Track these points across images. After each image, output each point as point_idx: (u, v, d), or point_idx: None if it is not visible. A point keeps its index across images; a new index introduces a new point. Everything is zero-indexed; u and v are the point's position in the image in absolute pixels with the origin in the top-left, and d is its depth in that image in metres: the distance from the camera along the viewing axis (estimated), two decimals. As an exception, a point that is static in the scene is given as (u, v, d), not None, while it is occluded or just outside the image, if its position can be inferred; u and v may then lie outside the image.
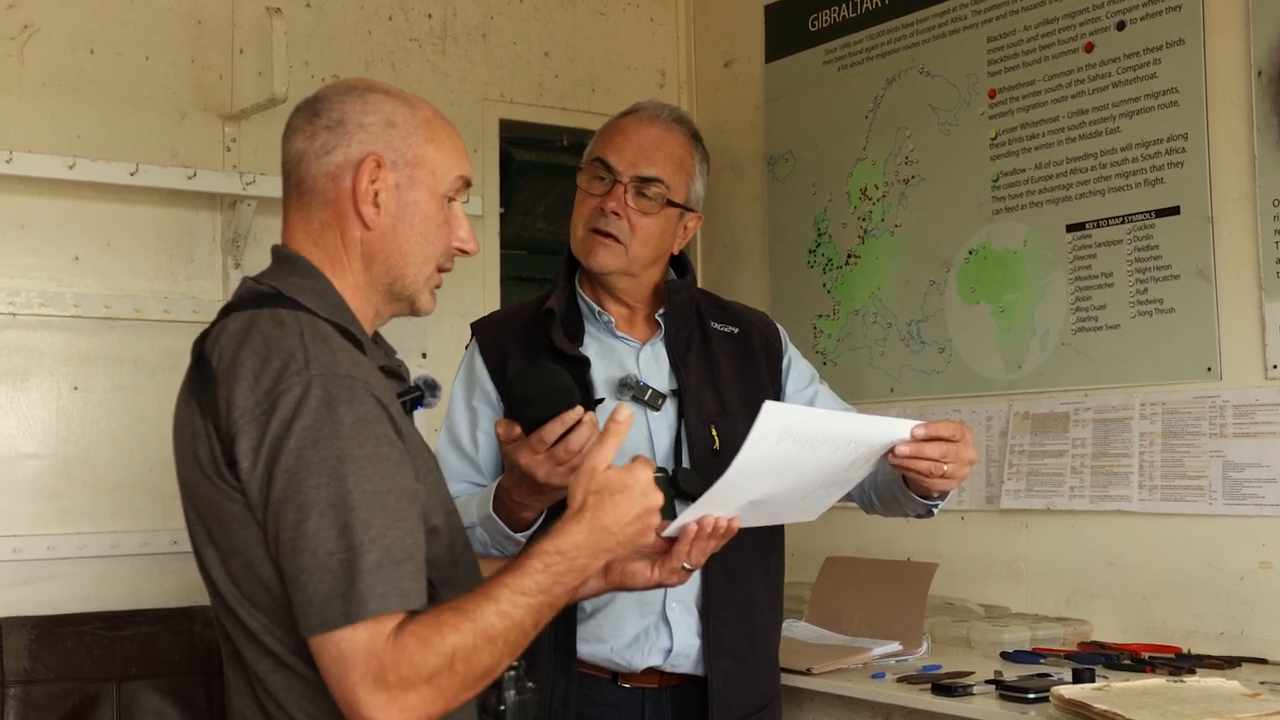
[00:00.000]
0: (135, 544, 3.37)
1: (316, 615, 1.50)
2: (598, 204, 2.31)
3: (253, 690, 1.64)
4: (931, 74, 3.59)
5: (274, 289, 1.69)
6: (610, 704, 2.31)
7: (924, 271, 3.58)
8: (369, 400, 1.58)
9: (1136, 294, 3.10)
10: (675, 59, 4.36)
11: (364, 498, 1.52)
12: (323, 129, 1.72)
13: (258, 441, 1.54)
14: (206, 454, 1.59)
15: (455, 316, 3.51)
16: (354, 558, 1.49)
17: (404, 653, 1.49)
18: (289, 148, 1.76)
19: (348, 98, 1.74)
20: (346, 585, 1.49)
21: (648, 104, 2.42)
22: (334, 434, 1.53)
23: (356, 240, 1.73)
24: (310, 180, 1.73)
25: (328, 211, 1.73)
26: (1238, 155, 2.94)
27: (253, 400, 1.55)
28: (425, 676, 1.49)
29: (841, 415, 2.02)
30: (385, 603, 1.49)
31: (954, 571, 3.35)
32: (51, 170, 3.23)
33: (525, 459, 1.96)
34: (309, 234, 1.74)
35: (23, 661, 3.12)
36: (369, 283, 1.75)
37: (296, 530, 1.51)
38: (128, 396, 3.40)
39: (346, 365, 1.59)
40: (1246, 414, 2.89)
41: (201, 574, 1.67)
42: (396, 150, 1.73)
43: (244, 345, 1.59)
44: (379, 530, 1.51)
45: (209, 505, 1.61)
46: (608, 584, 1.94)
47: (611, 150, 2.33)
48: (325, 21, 3.75)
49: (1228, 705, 2.10)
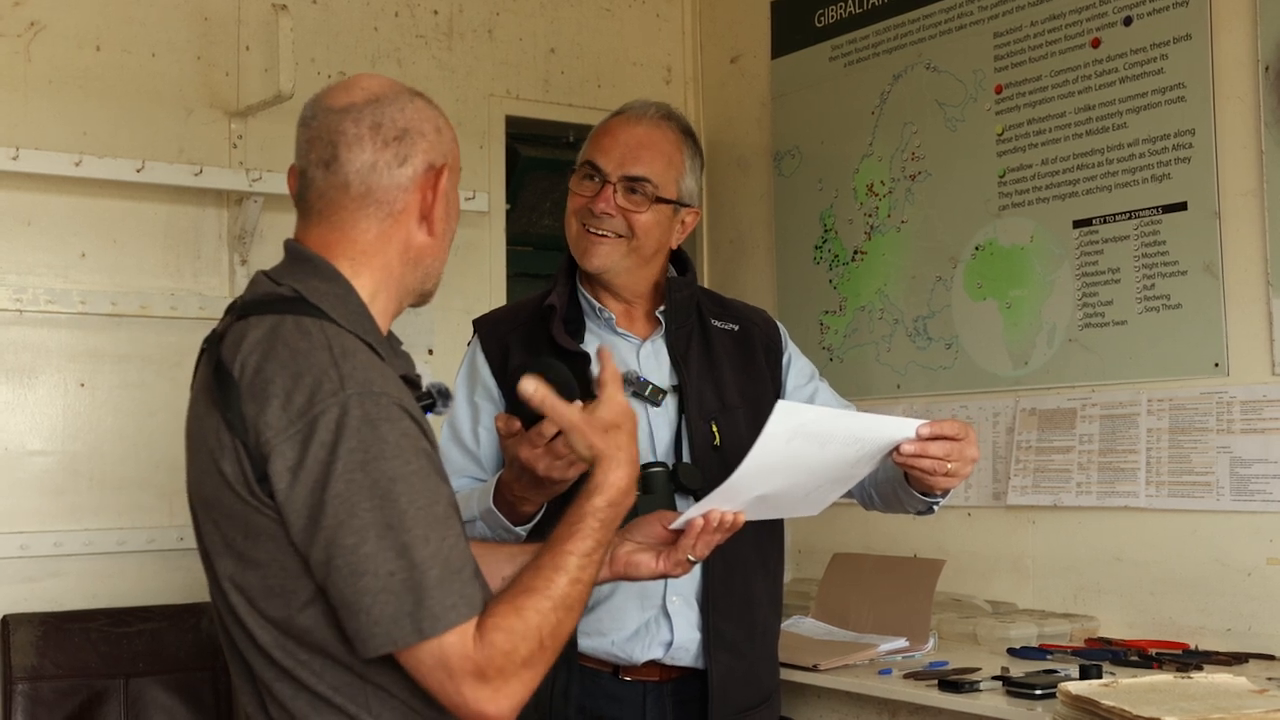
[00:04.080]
0: (142, 540, 3.37)
1: (384, 635, 1.52)
2: (586, 204, 2.34)
3: (259, 698, 1.66)
4: (938, 70, 3.59)
5: (296, 292, 1.67)
6: (611, 697, 2.32)
7: (930, 267, 3.58)
8: (404, 416, 1.59)
9: (1144, 290, 3.10)
10: (681, 55, 4.36)
11: (418, 514, 1.54)
12: (392, 140, 1.71)
13: (295, 462, 1.54)
14: (234, 470, 1.58)
15: (461, 313, 3.51)
16: (418, 576, 1.52)
17: (495, 648, 1.53)
18: (350, 157, 1.71)
19: (400, 104, 1.74)
20: (414, 604, 1.51)
21: (636, 103, 2.43)
22: (380, 454, 1.54)
23: (418, 246, 1.74)
24: (381, 190, 1.71)
25: (391, 221, 1.72)
26: (1245, 150, 2.93)
27: (285, 419, 1.55)
28: (520, 662, 1.54)
29: (851, 414, 2.04)
30: (455, 614, 1.53)
31: (961, 568, 3.35)
32: (58, 167, 3.24)
33: (525, 453, 1.97)
34: (354, 241, 1.72)
35: (30, 658, 3.13)
36: (403, 285, 1.76)
37: (355, 554, 1.52)
38: (134, 393, 3.41)
39: (379, 382, 1.59)
40: (1254, 410, 2.89)
41: (210, 580, 1.68)
42: (445, 155, 1.76)
43: (269, 358, 1.59)
44: (436, 545, 1.54)
45: (235, 518, 1.60)
46: (612, 573, 1.96)
47: (599, 152, 2.35)
48: (331, 18, 3.75)
49: (1235, 701, 2.09)
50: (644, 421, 2.32)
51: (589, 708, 2.30)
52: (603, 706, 2.31)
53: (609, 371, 1.72)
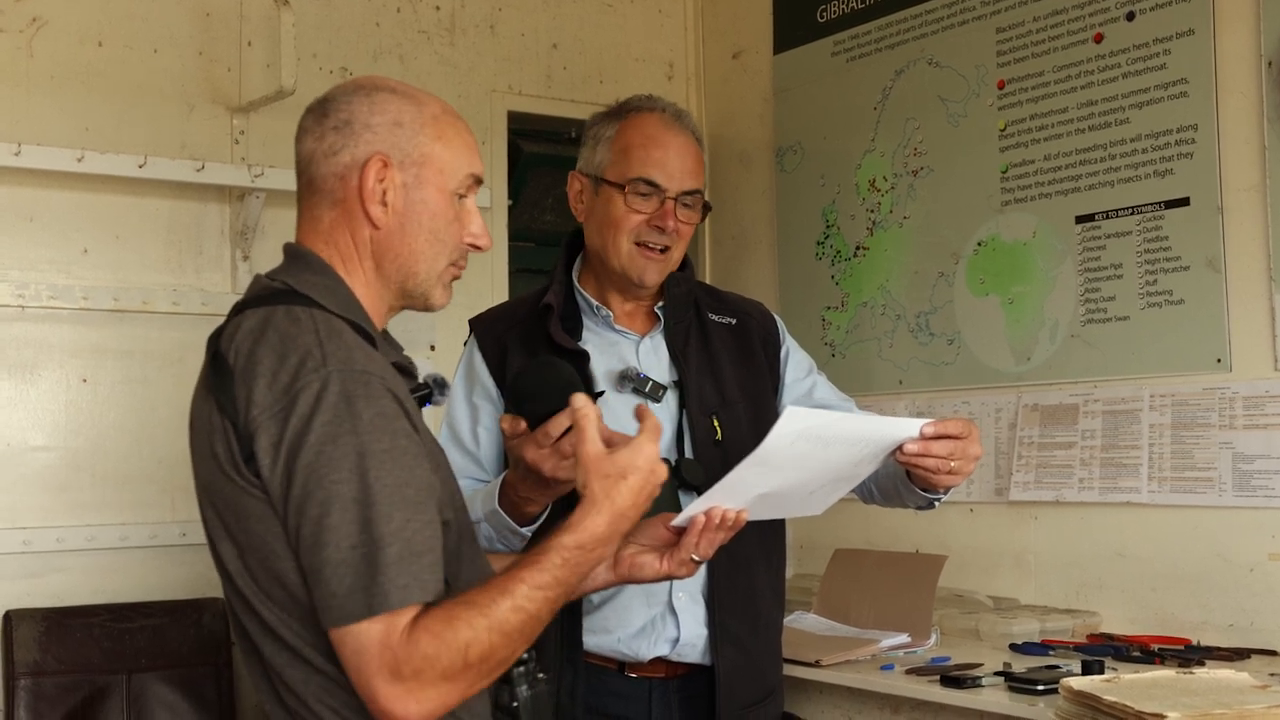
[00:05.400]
0: (144, 536, 3.37)
1: (339, 608, 1.52)
2: (646, 220, 2.32)
3: (271, 684, 1.66)
4: (940, 65, 3.58)
5: (287, 285, 1.70)
6: (617, 694, 2.32)
7: (933, 263, 3.58)
8: (385, 395, 1.59)
9: (1146, 285, 3.09)
10: (683, 50, 4.36)
11: (384, 491, 1.54)
12: (330, 129, 1.74)
13: (278, 438, 1.56)
14: (224, 450, 1.60)
15: (463, 309, 3.48)
16: (375, 551, 1.51)
17: (417, 646, 1.50)
18: (300, 148, 1.77)
19: (355, 97, 1.76)
20: (369, 579, 1.51)
21: (667, 105, 2.40)
22: (353, 429, 1.55)
23: (366, 240, 1.74)
24: (320, 180, 1.75)
25: (337, 211, 1.74)
26: (1248, 146, 2.93)
27: (271, 397, 1.57)
28: (439, 670, 1.51)
29: (855, 416, 2.04)
30: (407, 594, 1.51)
31: (963, 563, 3.35)
32: (60, 163, 3.24)
33: (531, 454, 1.96)
34: (320, 233, 1.76)
35: (32, 653, 3.13)
36: (381, 280, 1.76)
37: (319, 525, 1.53)
38: (136, 389, 3.41)
39: (362, 361, 1.60)
40: (1256, 405, 2.89)
41: (218, 569, 1.69)
42: (403, 150, 1.74)
43: (260, 342, 1.61)
44: (399, 523, 1.53)
45: (227, 501, 1.62)
46: (617, 576, 1.96)
47: (655, 168, 2.32)
48: (333, 14, 3.75)
49: (1237, 697, 2.09)
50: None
51: (595, 706, 2.30)
52: (609, 704, 2.31)
53: (650, 424, 1.70)
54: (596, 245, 2.37)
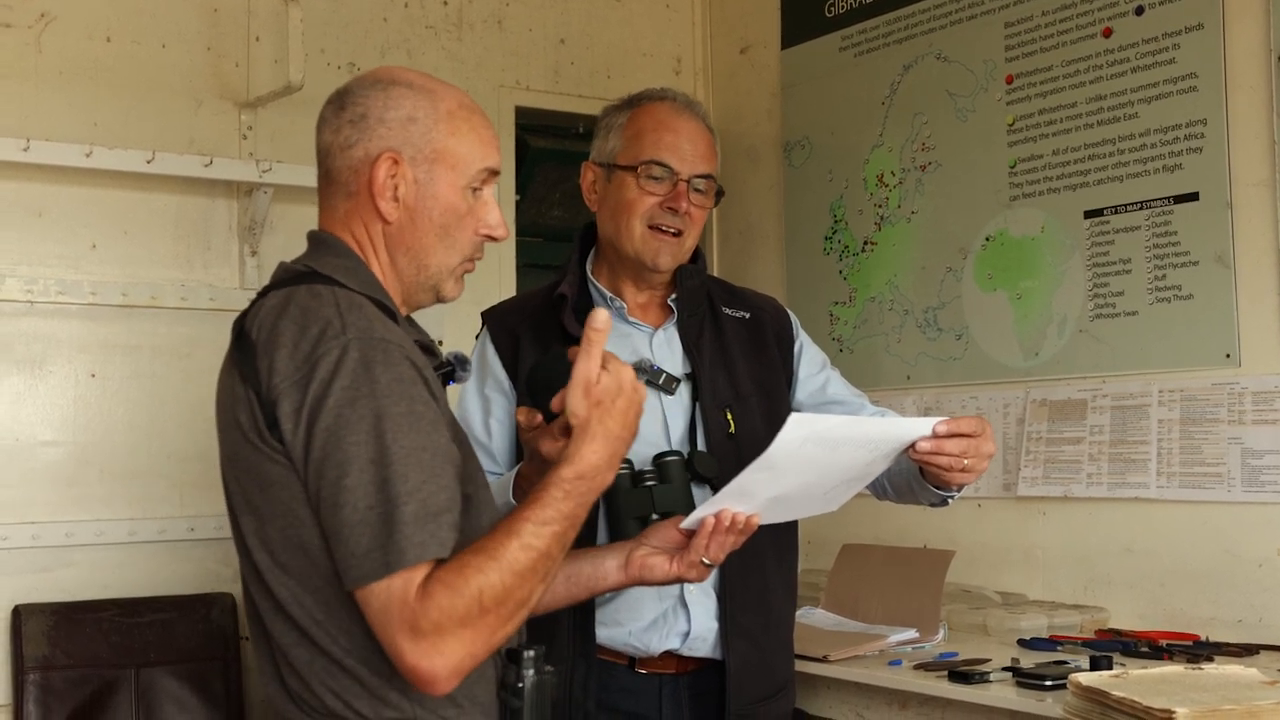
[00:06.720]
0: (153, 531, 3.38)
1: (358, 567, 1.54)
2: (659, 203, 2.32)
3: (276, 666, 1.68)
4: (948, 60, 3.58)
5: (309, 268, 1.74)
6: (627, 690, 2.32)
7: (941, 258, 3.57)
8: (404, 362, 1.62)
9: (1155, 280, 3.09)
10: (691, 45, 4.35)
11: (401, 453, 1.56)
12: (347, 123, 1.77)
13: (299, 404, 1.59)
14: (248, 418, 1.63)
15: (471, 304, 3.47)
16: (392, 510, 1.53)
17: (432, 599, 1.52)
18: (319, 139, 1.80)
19: (372, 91, 1.77)
20: (385, 537, 1.53)
21: (678, 94, 2.41)
22: (370, 393, 1.58)
23: (379, 232, 1.77)
24: (336, 172, 1.78)
25: (351, 203, 1.77)
26: (1257, 140, 2.92)
27: (292, 365, 1.60)
28: (458, 620, 1.53)
29: (865, 420, 2.04)
30: (423, 551, 1.53)
31: (971, 559, 3.35)
32: (68, 158, 3.24)
33: (547, 446, 1.95)
34: (338, 220, 1.79)
35: (41, 648, 3.14)
36: (395, 272, 1.79)
37: (337, 486, 1.56)
38: (145, 384, 3.41)
39: (381, 330, 1.63)
40: (1265, 401, 2.88)
41: (237, 546, 1.71)
42: (415, 146, 1.75)
43: (282, 316, 1.64)
44: (415, 484, 1.55)
45: (250, 470, 1.64)
46: (628, 578, 1.98)
47: (667, 150, 2.33)
48: (341, 9, 3.75)
49: (1246, 693, 2.09)
50: (659, 410, 2.32)
51: (606, 701, 2.30)
52: (620, 700, 2.31)
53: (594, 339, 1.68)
54: (610, 232, 2.38)
